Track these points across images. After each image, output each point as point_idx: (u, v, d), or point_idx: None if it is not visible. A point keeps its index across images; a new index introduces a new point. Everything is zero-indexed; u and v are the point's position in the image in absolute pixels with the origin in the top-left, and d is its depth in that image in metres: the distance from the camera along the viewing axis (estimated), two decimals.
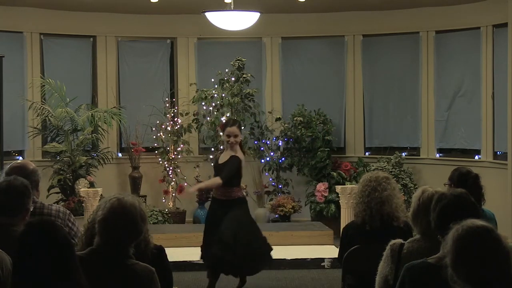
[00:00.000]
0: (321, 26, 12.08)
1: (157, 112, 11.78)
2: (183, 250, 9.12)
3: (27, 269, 2.93)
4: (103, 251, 3.58)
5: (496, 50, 10.61)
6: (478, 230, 2.99)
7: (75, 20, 11.65)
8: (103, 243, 3.59)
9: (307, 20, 12.03)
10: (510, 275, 2.93)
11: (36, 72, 11.48)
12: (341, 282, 5.57)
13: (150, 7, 11.48)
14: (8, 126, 10.48)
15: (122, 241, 3.58)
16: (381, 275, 4.36)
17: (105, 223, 3.59)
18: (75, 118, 11.13)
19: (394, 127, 12.08)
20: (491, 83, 10.78)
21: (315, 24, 12.07)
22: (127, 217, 3.58)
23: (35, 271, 2.91)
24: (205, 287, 7.65)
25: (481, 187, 5.37)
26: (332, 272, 8.35)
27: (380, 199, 5.34)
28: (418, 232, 4.35)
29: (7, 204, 4.11)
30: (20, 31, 11.38)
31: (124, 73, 12.25)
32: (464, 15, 11.02)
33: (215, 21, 9.89)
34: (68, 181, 10.92)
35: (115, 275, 3.51)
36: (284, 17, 11.95)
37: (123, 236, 3.58)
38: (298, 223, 11.03)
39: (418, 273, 3.62)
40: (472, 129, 11.17)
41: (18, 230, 3.23)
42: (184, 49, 12.29)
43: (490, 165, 10.58)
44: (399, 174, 11.10)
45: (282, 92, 12.36)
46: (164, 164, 11.74)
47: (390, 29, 11.86)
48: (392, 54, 12.06)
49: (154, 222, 10.79)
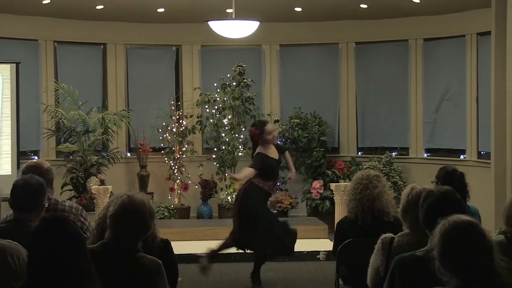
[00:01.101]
0: (316, 34, 12.08)
1: (163, 114, 11.78)
2: (188, 244, 9.14)
3: (41, 261, 2.93)
4: (113, 245, 3.57)
5: (480, 56, 10.61)
6: (463, 225, 2.99)
7: (87, 29, 11.65)
8: (114, 237, 3.58)
9: (303, 28, 12.03)
10: (493, 266, 2.93)
11: (50, 77, 11.49)
12: (335, 274, 5.58)
13: (156, 16, 11.49)
14: (24, 128, 10.49)
15: (132, 236, 3.58)
16: (373, 267, 4.36)
17: (116, 218, 3.58)
18: (87, 120, 11.13)
19: (385, 128, 12.07)
20: (475, 88, 10.78)
21: (311, 33, 12.06)
22: (136, 213, 3.57)
23: (49, 263, 2.91)
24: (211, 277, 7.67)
25: (466, 185, 5.36)
26: (327, 264, 8.36)
27: (371, 196, 5.35)
28: (407, 227, 4.35)
29: (24, 201, 4.11)
30: (35, 39, 11.39)
31: (132, 78, 12.24)
32: (450, 24, 11.02)
33: (218, 30, 9.89)
34: (80, 179, 10.92)
35: (124, 267, 3.51)
36: (282, 26, 11.95)
37: (133, 230, 3.58)
38: (295, 218, 11.02)
39: (407, 265, 3.62)
40: (457, 130, 11.17)
41: (34, 225, 3.23)
42: (189, 56, 12.28)
43: (474, 164, 10.58)
44: (390, 173, 11.09)
45: (280, 95, 12.35)
46: (170, 163, 11.74)
47: (381, 37, 11.85)
48: (383, 60, 12.05)
49: (161, 218, 10.79)
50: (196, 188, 11.71)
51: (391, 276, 3.68)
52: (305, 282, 7.91)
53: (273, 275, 8.16)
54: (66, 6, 10.76)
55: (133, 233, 3.58)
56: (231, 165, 11.61)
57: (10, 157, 9.69)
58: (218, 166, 11.69)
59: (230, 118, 11.61)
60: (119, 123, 11.25)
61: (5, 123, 9.69)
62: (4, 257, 3.49)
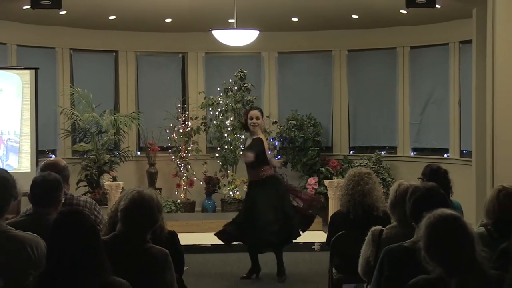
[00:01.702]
0: (311, 43, 12.07)
1: (171, 116, 11.77)
2: (193, 235, 9.14)
3: (59, 251, 2.93)
4: (124, 236, 3.58)
5: (462, 63, 10.61)
6: (447, 218, 2.99)
7: (100, 38, 11.64)
8: (124, 229, 3.59)
9: (300, 37, 12.02)
10: (475, 257, 2.94)
11: (67, 82, 11.48)
12: (329, 263, 5.58)
13: (164, 26, 11.49)
14: (43, 129, 10.48)
15: (141, 228, 3.58)
16: (364, 257, 4.36)
17: (127, 212, 3.59)
18: (100, 122, 11.13)
19: (375, 129, 12.06)
20: (458, 91, 10.77)
21: (307, 41, 12.05)
22: (145, 207, 3.58)
23: (65, 253, 2.91)
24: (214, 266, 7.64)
25: (449, 181, 5.36)
26: (321, 254, 8.33)
27: (362, 192, 5.35)
28: (395, 220, 4.35)
29: (42, 196, 4.10)
30: (53, 47, 11.38)
31: (142, 83, 12.23)
32: (434, 33, 11.01)
33: (221, 38, 9.89)
34: (94, 176, 10.92)
35: (134, 257, 3.51)
36: (280, 35, 11.94)
37: (142, 223, 3.58)
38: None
39: (395, 255, 3.62)
40: (441, 131, 11.16)
41: (52, 218, 3.23)
42: (194, 62, 12.27)
43: (457, 162, 10.57)
44: (379, 170, 11.08)
45: (278, 99, 12.34)
46: (176, 161, 11.73)
47: (371, 45, 11.84)
48: (373, 66, 12.04)
49: (168, 211, 10.79)
50: (201, 184, 11.70)
51: (381, 265, 3.68)
52: (301, 271, 7.90)
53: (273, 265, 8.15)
54: (81, 17, 10.75)
55: (142, 226, 3.58)
56: (233, 163, 11.60)
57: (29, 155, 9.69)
58: (221, 164, 11.69)
59: (232, 120, 11.60)
60: (129, 124, 11.25)
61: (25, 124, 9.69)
62: (24, 248, 3.49)
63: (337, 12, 10.88)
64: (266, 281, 7.46)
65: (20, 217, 4.22)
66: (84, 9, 10.38)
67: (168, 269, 3.58)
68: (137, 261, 3.50)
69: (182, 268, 4.30)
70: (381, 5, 10.33)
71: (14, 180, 3.67)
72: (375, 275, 3.75)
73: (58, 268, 2.91)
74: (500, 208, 4.04)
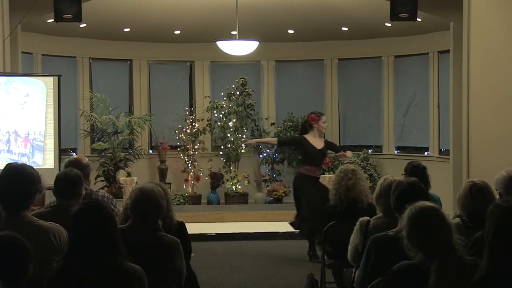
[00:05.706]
0: (306, 52, 12.07)
1: (179, 118, 11.77)
2: (200, 225, 9.14)
3: (80, 239, 2.94)
4: (138, 227, 3.58)
5: (441, 70, 10.62)
6: (427, 209, 3.00)
7: (116, 48, 11.64)
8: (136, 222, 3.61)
9: (295, 47, 12.01)
10: (451, 243, 2.94)
11: (86, 88, 11.48)
12: (321, 250, 5.58)
13: (174, 37, 11.49)
14: (65, 129, 10.45)
15: (150, 217, 3.59)
16: (352, 245, 4.37)
17: (133, 208, 3.62)
18: (116, 123, 11.13)
19: (363, 129, 12.06)
20: (437, 96, 10.78)
21: (301, 50, 12.05)
22: (149, 199, 3.59)
23: (86, 240, 2.92)
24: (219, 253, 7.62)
25: (427, 176, 5.34)
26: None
27: (346, 187, 5.36)
28: (380, 211, 4.36)
29: (65, 190, 4.10)
30: (74, 56, 11.38)
31: (154, 88, 12.23)
32: (416, 44, 11.02)
33: (224, 48, 9.88)
34: (111, 172, 10.92)
35: (148, 244, 3.52)
36: (277, 45, 11.93)
37: (150, 213, 3.59)
38: (288, 204, 11.00)
39: (381, 243, 3.63)
40: (422, 131, 11.17)
41: (73, 209, 3.23)
42: (200, 70, 12.27)
43: (436, 159, 10.58)
44: (366, 167, 11.09)
45: (276, 102, 12.34)
46: (184, 158, 11.73)
47: (359, 54, 11.84)
48: (361, 73, 12.04)
49: (177, 204, 10.77)
50: (206, 179, 11.70)
51: (368, 252, 3.69)
52: (296, 257, 7.88)
53: (272, 252, 8.16)
54: (99, 29, 10.76)
55: (150, 215, 3.59)
56: (235, 160, 11.61)
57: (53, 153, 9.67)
58: (224, 161, 11.69)
59: (234, 121, 11.60)
60: (142, 125, 11.25)
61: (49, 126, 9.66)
62: (48, 237, 3.49)
63: (329, 25, 10.89)
64: (261, 266, 7.46)
65: (44, 208, 4.23)
66: (102, 22, 10.39)
67: (179, 256, 3.59)
68: (151, 247, 3.51)
69: (189, 255, 4.30)
70: (368, 18, 10.35)
71: (39, 176, 3.67)
72: (363, 261, 3.75)
73: (79, 253, 2.91)
74: (474, 202, 4.03)
